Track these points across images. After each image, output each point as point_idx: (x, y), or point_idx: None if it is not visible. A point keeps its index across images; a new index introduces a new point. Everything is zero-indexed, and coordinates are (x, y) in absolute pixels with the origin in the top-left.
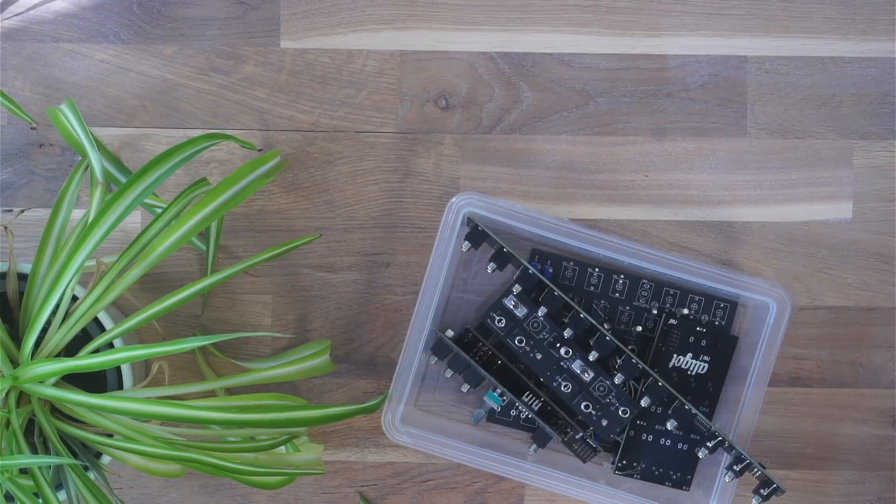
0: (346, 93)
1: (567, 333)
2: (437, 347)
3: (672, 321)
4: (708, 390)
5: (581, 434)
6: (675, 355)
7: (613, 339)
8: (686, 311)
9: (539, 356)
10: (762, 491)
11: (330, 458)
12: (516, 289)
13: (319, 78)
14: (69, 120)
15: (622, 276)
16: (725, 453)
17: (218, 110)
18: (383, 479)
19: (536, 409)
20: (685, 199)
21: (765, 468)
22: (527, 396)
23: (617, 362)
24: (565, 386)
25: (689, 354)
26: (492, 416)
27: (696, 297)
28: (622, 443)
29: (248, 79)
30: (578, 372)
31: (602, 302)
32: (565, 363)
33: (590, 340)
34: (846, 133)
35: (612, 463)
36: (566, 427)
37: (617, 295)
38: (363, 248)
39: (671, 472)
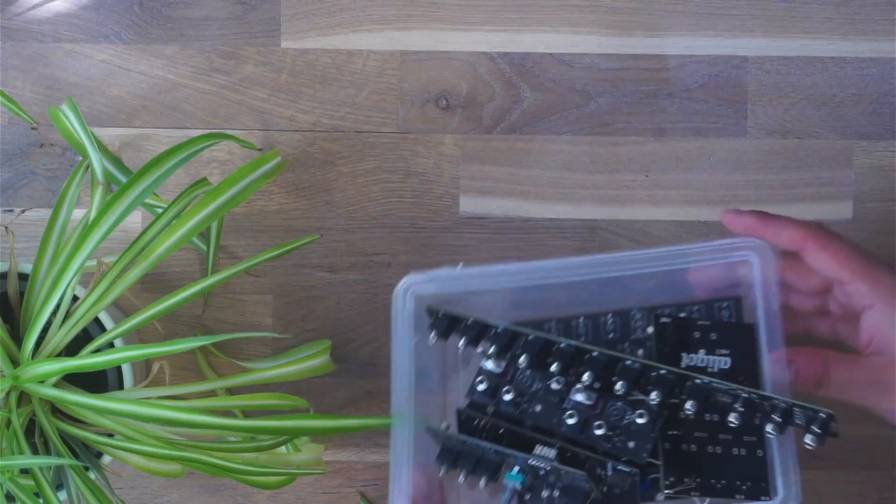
0: (346, 93)
1: (554, 368)
2: (444, 454)
3: (664, 319)
4: (741, 384)
5: (611, 464)
6: (683, 354)
7: (605, 351)
8: (683, 315)
9: (538, 407)
10: (813, 427)
11: (330, 458)
12: (492, 350)
13: (320, 78)
14: (70, 120)
15: (610, 316)
16: (767, 423)
17: (218, 110)
18: (384, 479)
19: (553, 457)
20: (685, 199)
21: (809, 406)
22: (539, 449)
23: (615, 381)
24: (573, 423)
25: (703, 351)
26: (522, 500)
27: (694, 308)
28: (661, 460)
29: (248, 79)
30: (582, 400)
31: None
32: (566, 402)
33: (580, 367)
34: (846, 133)
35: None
36: (595, 466)
37: (611, 336)
38: (363, 248)
39: (737, 483)
